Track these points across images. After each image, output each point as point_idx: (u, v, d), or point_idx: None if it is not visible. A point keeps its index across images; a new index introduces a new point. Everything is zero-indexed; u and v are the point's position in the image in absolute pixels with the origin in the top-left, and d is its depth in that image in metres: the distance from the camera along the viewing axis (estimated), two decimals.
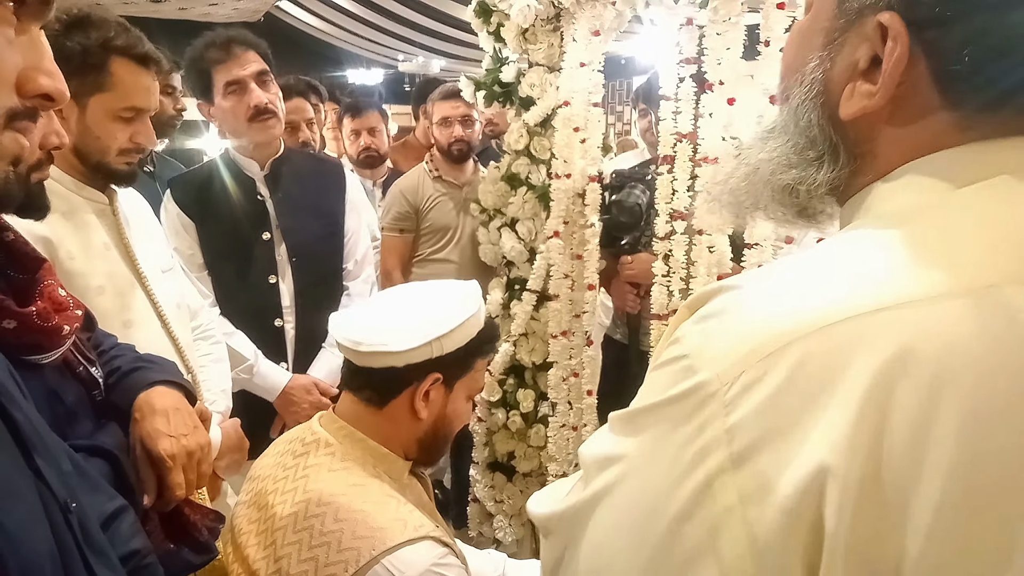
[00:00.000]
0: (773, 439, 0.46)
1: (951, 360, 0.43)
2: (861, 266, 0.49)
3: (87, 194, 1.40)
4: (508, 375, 2.30)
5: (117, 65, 1.32)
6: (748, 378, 0.47)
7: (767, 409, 0.46)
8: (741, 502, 0.46)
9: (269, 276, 1.97)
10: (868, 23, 0.53)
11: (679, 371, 0.50)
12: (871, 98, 0.54)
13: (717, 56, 1.59)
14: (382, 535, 1.01)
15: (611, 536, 0.54)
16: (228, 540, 1.17)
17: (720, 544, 0.47)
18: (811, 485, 0.44)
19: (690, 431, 0.49)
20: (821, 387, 0.45)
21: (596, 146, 2.03)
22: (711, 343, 0.50)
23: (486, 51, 2.29)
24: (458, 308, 1.17)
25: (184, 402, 1.05)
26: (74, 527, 0.56)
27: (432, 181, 2.67)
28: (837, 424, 0.44)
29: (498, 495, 2.38)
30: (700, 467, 0.48)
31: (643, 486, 0.52)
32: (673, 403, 0.50)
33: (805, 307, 0.48)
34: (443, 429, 1.23)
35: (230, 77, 1.86)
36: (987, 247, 0.47)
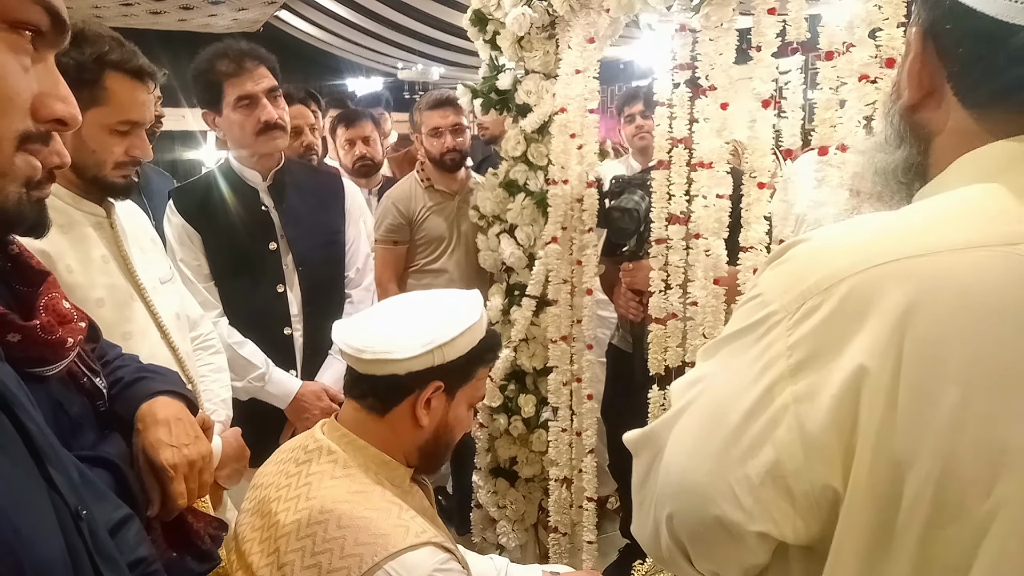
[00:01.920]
0: (824, 353, 0.58)
1: (965, 296, 0.55)
2: (906, 223, 0.62)
3: (85, 207, 1.41)
4: (509, 380, 2.31)
5: (112, 80, 1.33)
6: (808, 307, 0.59)
7: (821, 330, 0.58)
8: (796, 402, 0.59)
9: (277, 285, 1.99)
10: (912, 34, 0.68)
11: (755, 306, 0.64)
12: (906, 94, 0.68)
13: (710, 61, 1.61)
14: (384, 541, 1.02)
15: (689, 435, 0.66)
16: (232, 548, 1.18)
17: (777, 434, 0.59)
18: (852, 383, 0.56)
19: (759, 349, 0.62)
20: (863, 312, 0.57)
21: (593, 152, 2.04)
22: (780, 282, 0.62)
23: (482, 59, 2.31)
24: (460, 317, 1.18)
25: (186, 412, 1.06)
26: (85, 534, 0.58)
27: (424, 191, 2.66)
28: (874, 336, 0.56)
29: (501, 500, 2.38)
30: (765, 375, 0.60)
31: (719, 393, 0.65)
32: (748, 331, 0.63)
33: (855, 253, 0.60)
34: (444, 437, 1.24)
35: (243, 92, 1.87)
36: (1009, 216, 0.58)
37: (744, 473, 0.61)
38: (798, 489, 0.59)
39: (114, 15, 6.77)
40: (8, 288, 0.80)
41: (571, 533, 2.19)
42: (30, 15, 0.53)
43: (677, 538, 0.68)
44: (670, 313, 1.80)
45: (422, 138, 2.66)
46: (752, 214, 1.54)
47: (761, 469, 0.60)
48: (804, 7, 1.42)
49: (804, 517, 0.60)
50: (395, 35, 7.54)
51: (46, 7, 0.54)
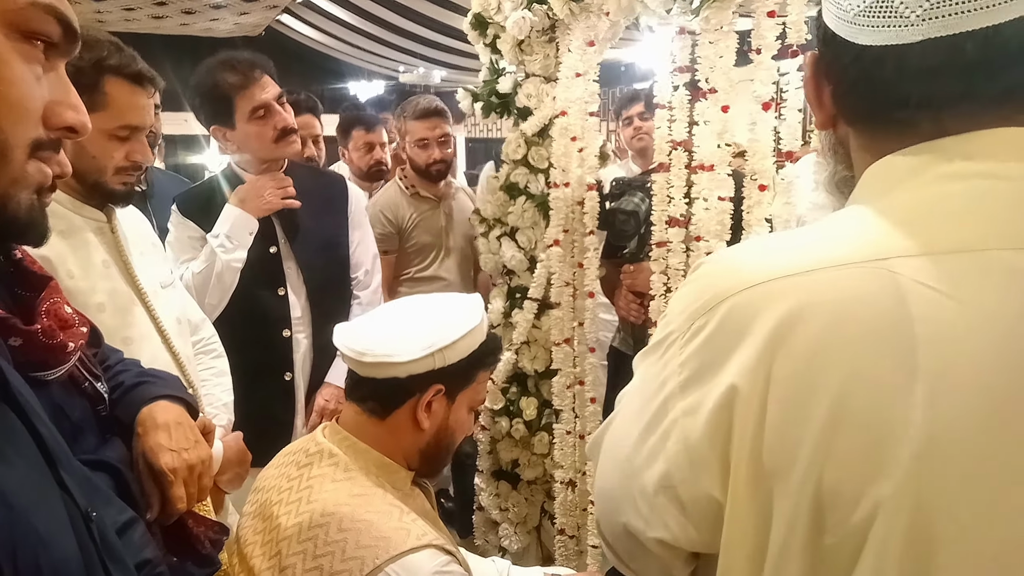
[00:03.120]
0: (706, 371, 0.62)
1: (836, 313, 0.56)
2: (793, 243, 0.65)
3: (86, 213, 1.41)
4: (511, 383, 2.31)
5: (111, 85, 1.33)
6: (696, 327, 0.63)
7: (704, 349, 0.62)
8: (683, 416, 0.63)
9: (278, 288, 2.00)
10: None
11: (663, 324, 0.68)
12: (815, 114, 0.71)
13: (710, 64, 1.61)
14: (386, 544, 1.03)
15: (610, 443, 0.73)
16: (234, 551, 1.18)
17: (667, 446, 0.64)
18: (725, 400, 0.59)
19: (660, 366, 0.66)
20: (739, 332, 0.60)
21: (593, 155, 2.04)
22: (680, 302, 0.66)
23: (483, 62, 2.32)
24: (461, 320, 1.18)
25: (186, 416, 1.06)
26: (95, 536, 0.59)
27: (410, 199, 2.64)
28: (746, 355, 0.59)
29: (503, 503, 2.38)
30: (662, 392, 0.65)
31: (630, 407, 0.70)
32: (656, 348, 0.68)
33: (739, 273, 0.62)
34: (445, 440, 1.24)
35: (256, 102, 1.87)
36: (879, 232, 0.59)
37: (642, 483, 0.66)
38: (687, 498, 0.63)
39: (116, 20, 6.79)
40: (10, 293, 0.80)
41: (577, 536, 2.19)
42: (43, 26, 0.54)
43: (607, 541, 0.74)
44: None
45: (406, 146, 2.64)
46: (754, 216, 1.54)
47: (655, 479, 0.64)
48: (804, 10, 1.42)
49: (696, 525, 0.64)
50: (396, 39, 7.55)
51: (58, 18, 0.55)
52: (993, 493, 0.52)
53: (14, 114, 0.52)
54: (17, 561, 0.48)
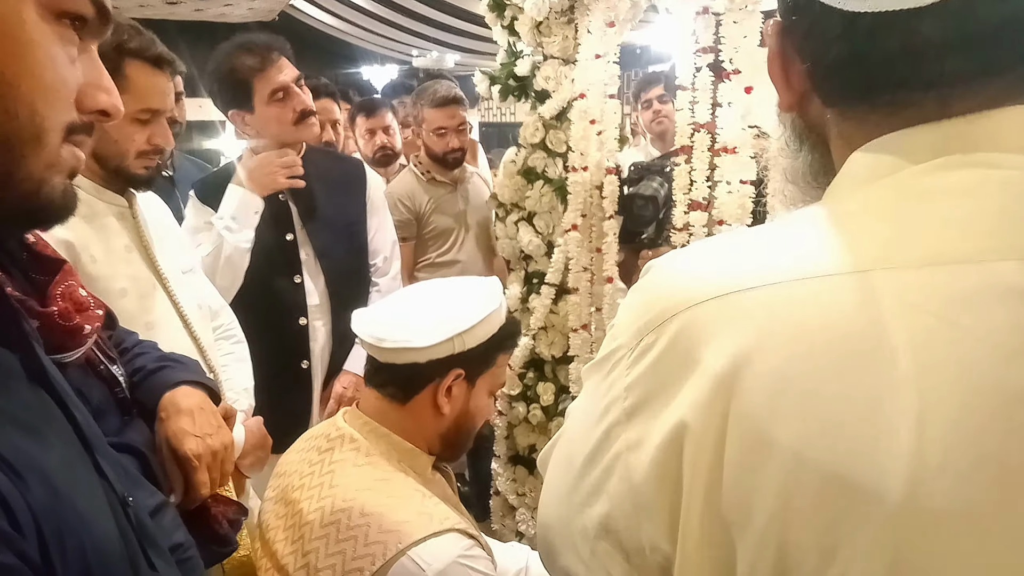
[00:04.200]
0: (652, 398, 0.52)
1: (803, 338, 0.47)
2: (748, 248, 0.55)
3: (107, 198, 1.41)
4: (528, 369, 2.30)
5: (131, 68, 1.32)
6: (643, 345, 0.53)
7: (651, 373, 0.53)
8: (628, 449, 0.54)
9: (295, 276, 1.99)
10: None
11: (609, 337, 0.58)
12: (782, 95, 0.60)
13: (734, 44, 1.58)
14: (408, 528, 1.02)
15: (552, 469, 0.64)
16: (256, 536, 1.18)
17: (610, 483, 0.55)
18: (673, 438, 0.50)
19: (606, 387, 0.56)
20: (690, 357, 0.50)
21: (613, 138, 2.02)
22: (627, 312, 0.57)
23: (500, 45, 2.29)
24: (480, 304, 1.17)
25: (208, 402, 1.06)
26: (132, 520, 0.59)
27: (426, 184, 2.63)
28: (699, 388, 0.49)
29: (520, 488, 2.38)
30: (606, 418, 0.56)
31: (573, 430, 0.61)
32: (603, 363, 0.58)
33: (689, 285, 0.53)
34: (466, 424, 1.24)
35: (275, 84, 1.86)
36: (861, 237, 0.50)
37: (583, 523, 0.57)
38: (630, 546, 0.54)
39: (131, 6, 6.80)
40: (25, 277, 0.80)
41: None
42: (77, 6, 0.53)
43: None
44: None
45: (422, 132, 2.62)
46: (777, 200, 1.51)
47: (596, 521, 0.56)
48: None
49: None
50: (410, 22, 7.53)
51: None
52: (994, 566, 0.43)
53: (50, 97, 0.51)
54: (64, 545, 0.48)
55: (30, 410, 0.53)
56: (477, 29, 6.78)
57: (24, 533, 0.45)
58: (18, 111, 0.49)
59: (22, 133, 0.49)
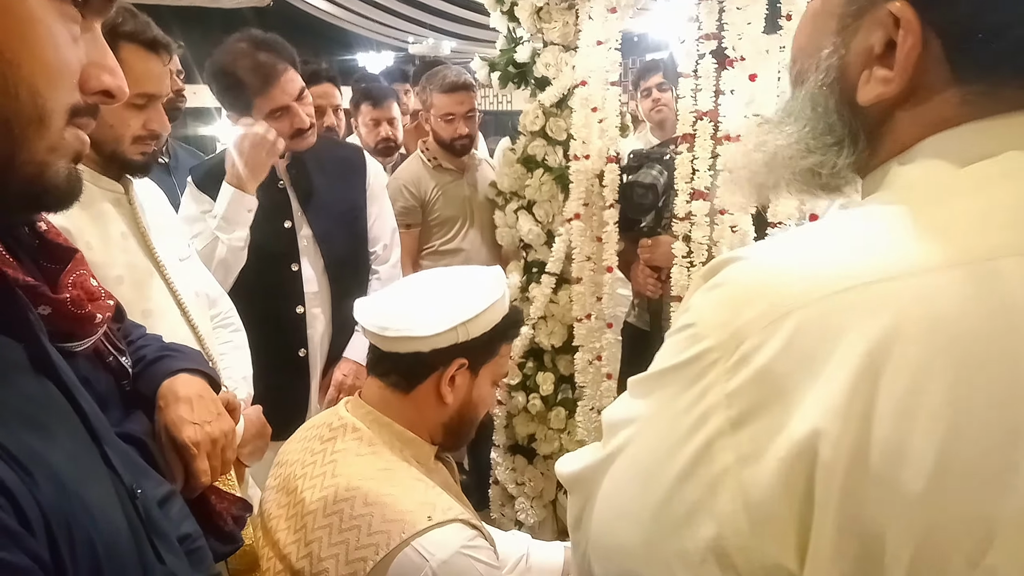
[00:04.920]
0: (770, 404, 0.48)
1: (942, 331, 0.45)
2: (862, 239, 0.51)
3: (103, 184, 1.39)
4: (528, 358, 2.30)
5: (126, 52, 1.30)
6: (748, 346, 0.49)
7: (765, 376, 0.49)
8: (737, 463, 0.49)
9: (291, 264, 1.97)
10: (880, 10, 0.54)
11: (687, 338, 0.53)
12: (888, 84, 0.55)
13: (738, 31, 1.57)
14: (412, 518, 1.02)
15: (620, 490, 0.58)
16: (258, 525, 1.18)
17: (717, 502, 0.50)
18: (804, 448, 0.46)
19: (694, 395, 0.52)
20: (816, 355, 0.47)
21: (614, 126, 2.01)
22: (716, 311, 0.52)
23: (500, 31, 2.27)
24: (483, 293, 1.17)
25: (208, 389, 1.05)
26: (140, 512, 0.59)
27: (432, 171, 2.61)
28: (831, 391, 0.46)
29: (519, 477, 2.39)
30: (701, 430, 0.51)
31: (650, 445, 0.55)
32: (680, 368, 0.53)
33: (805, 278, 0.50)
34: (469, 414, 1.23)
35: (276, 104, 1.83)
36: (985, 221, 0.48)
37: (682, 547, 0.52)
38: (746, 568, 0.50)
39: None
40: (36, 265, 0.79)
41: None
42: None
43: None
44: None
45: (430, 118, 2.60)
46: None
47: (701, 544, 0.51)
48: None
49: None
50: (406, 8, 7.47)
51: None
52: None
53: (52, 77, 0.49)
54: (73, 540, 0.47)
55: (36, 402, 0.52)
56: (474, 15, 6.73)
57: (33, 530, 0.44)
58: (19, 92, 0.47)
59: (24, 115, 0.48)
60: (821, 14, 0.59)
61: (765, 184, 0.66)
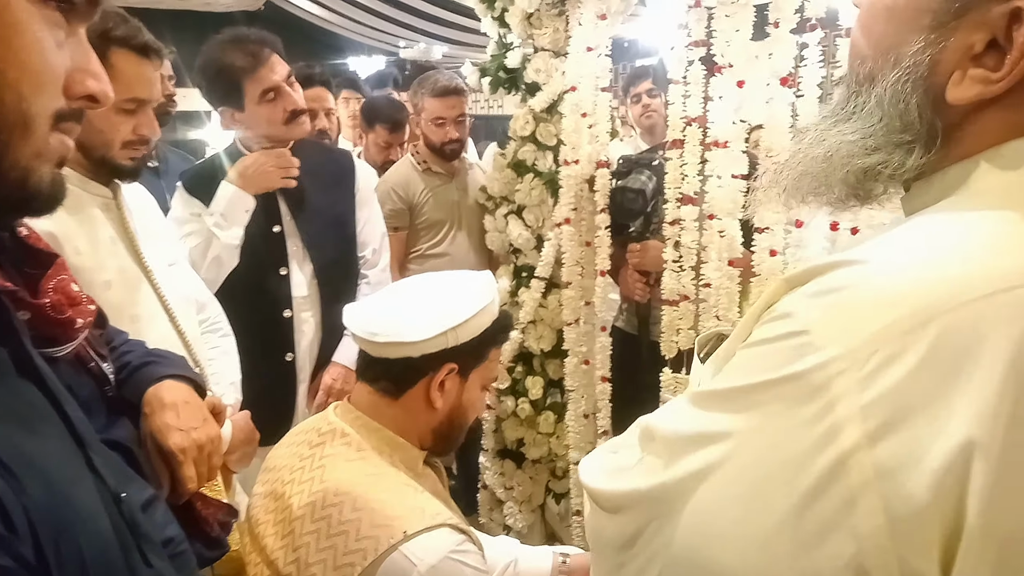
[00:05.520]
0: (914, 415, 0.46)
1: None
2: (990, 242, 0.50)
3: (92, 189, 1.39)
4: (517, 362, 2.30)
5: (117, 56, 1.30)
6: (884, 355, 0.47)
7: (907, 387, 0.46)
8: (878, 477, 0.47)
9: (280, 268, 1.97)
10: (993, 9, 0.53)
11: (796, 347, 0.50)
12: (989, 84, 0.54)
13: (726, 38, 1.58)
14: (400, 523, 1.02)
15: (721, 509, 0.53)
16: (245, 530, 1.17)
17: (855, 518, 0.47)
18: (957, 460, 0.45)
19: (817, 409, 0.49)
20: (962, 362, 0.46)
21: (604, 132, 2.01)
22: (836, 319, 0.50)
23: (490, 37, 2.28)
24: (473, 298, 1.17)
25: (194, 395, 1.05)
26: (126, 516, 0.58)
27: (422, 174, 2.61)
28: (981, 397, 0.45)
29: (508, 482, 2.39)
30: (832, 445, 0.48)
31: (760, 463, 0.52)
32: (791, 380, 0.50)
33: (941, 282, 0.48)
34: (458, 419, 1.23)
35: (266, 85, 1.84)
36: None
37: (812, 566, 0.49)
38: None
39: None
40: (17, 270, 0.78)
41: None
42: None
43: None
44: (682, 295, 1.78)
45: (421, 122, 2.61)
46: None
47: (838, 562, 0.48)
48: None
49: None
50: (397, 13, 7.46)
51: None
52: None
53: (36, 82, 0.49)
54: (60, 544, 0.47)
55: (22, 405, 0.52)
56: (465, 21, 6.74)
57: (19, 534, 0.44)
58: (3, 97, 0.47)
59: (8, 120, 0.48)
60: (906, 10, 0.57)
61: (806, 188, 0.63)
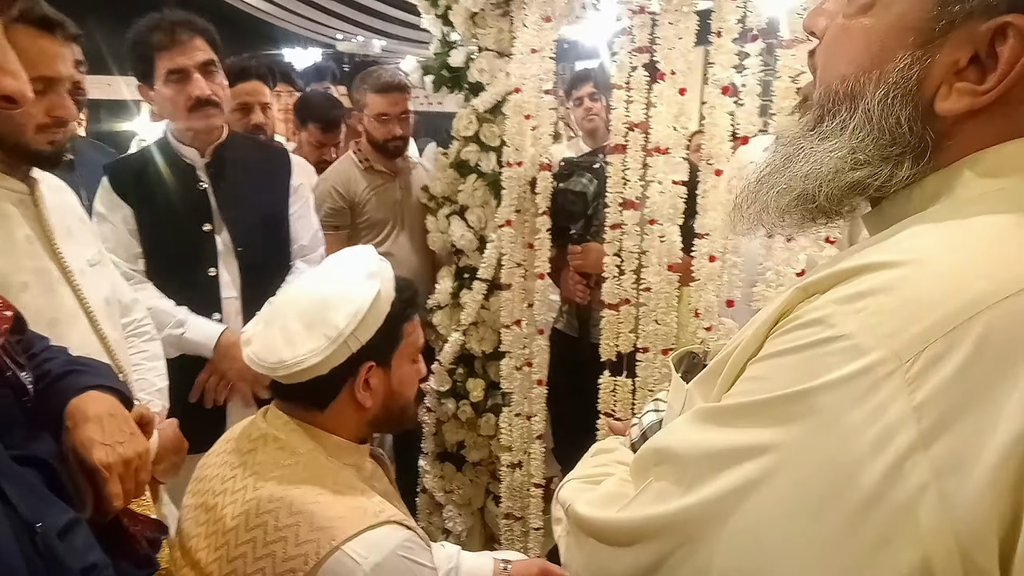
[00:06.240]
0: (966, 412, 0.46)
1: None
2: (1011, 243, 0.51)
3: (7, 184, 1.30)
4: (458, 364, 2.28)
5: (15, 33, 1.21)
6: (932, 353, 0.47)
7: (957, 383, 0.47)
8: (936, 477, 0.46)
9: (208, 268, 1.89)
10: (979, 24, 0.54)
11: (838, 352, 0.50)
12: (977, 96, 0.55)
13: (669, 45, 1.60)
14: (342, 524, 0.99)
15: (771, 526, 0.52)
16: (175, 545, 1.12)
17: (918, 521, 0.47)
18: (1012, 452, 0.45)
19: (867, 413, 0.48)
20: (1011, 357, 0.46)
21: (547, 134, 2.01)
22: (880, 322, 0.49)
23: (433, 34, 2.25)
24: (358, 296, 1.10)
25: (119, 407, 0.99)
26: (41, 549, 0.55)
27: (364, 173, 2.56)
28: None
29: (447, 485, 2.36)
30: (887, 448, 0.47)
31: (811, 475, 0.50)
32: (838, 386, 0.49)
33: (981, 277, 0.49)
34: (395, 402, 1.19)
35: (173, 65, 1.78)
36: None
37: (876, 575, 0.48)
38: None
39: None
40: None
41: (523, 517, 2.19)
42: None
43: None
44: (623, 299, 1.80)
45: (363, 118, 2.56)
46: (709, 200, 1.54)
47: (903, 569, 0.47)
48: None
49: None
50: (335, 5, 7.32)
51: None
52: None
53: None
54: None
55: None
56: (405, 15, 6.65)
57: None
58: None
59: None
60: (888, 30, 0.58)
61: (798, 200, 0.63)
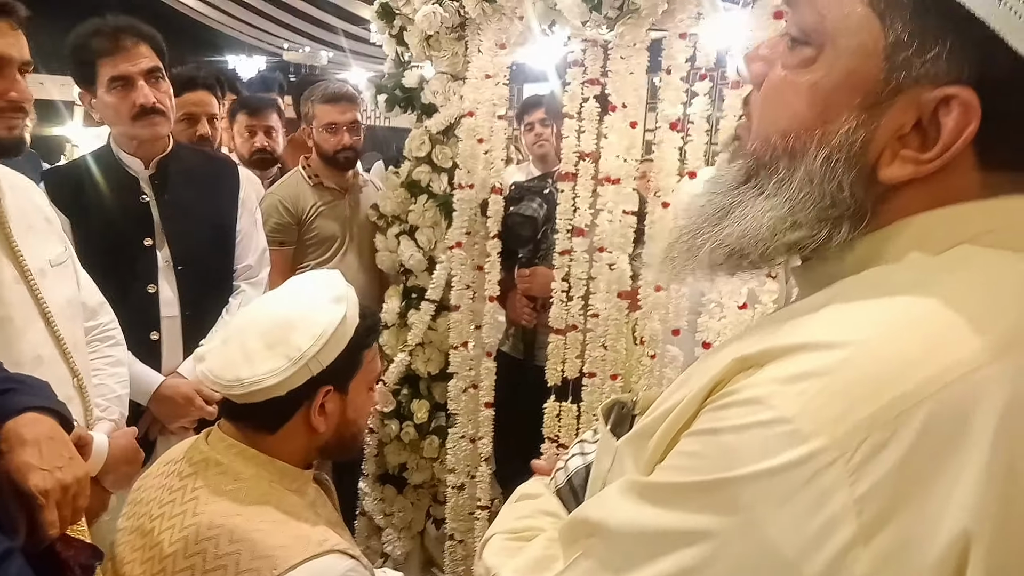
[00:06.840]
0: (907, 505, 0.45)
1: None
2: (953, 317, 0.49)
3: None
4: (403, 385, 2.26)
5: None
6: (872, 443, 0.45)
7: (897, 475, 0.45)
8: (875, 572, 0.45)
9: (148, 285, 1.82)
10: (926, 92, 0.53)
11: (778, 437, 0.48)
12: (920, 164, 0.54)
13: (621, 78, 1.64)
14: (284, 553, 0.97)
15: None
16: (109, 570, 1.08)
17: None
18: (953, 549, 0.44)
19: (808, 503, 0.46)
20: (950, 446, 0.45)
21: (499, 158, 2.04)
22: (821, 406, 0.47)
23: (388, 54, 2.25)
24: (323, 318, 1.09)
25: (58, 430, 0.95)
26: None
27: (312, 188, 2.52)
28: (971, 482, 0.44)
29: (387, 508, 2.33)
30: (828, 542, 0.46)
31: (748, 565, 0.48)
32: (779, 473, 0.47)
33: (922, 360, 0.47)
34: (348, 430, 1.18)
35: (116, 72, 1.72)
36: None
37: None
38: None
39: None
40: None
41: (465, 541, 2.18)
42: None
43: None
44: (570, 324, 1.82)
45: (312, 131, 2.53)
46: (656, 231, 1.59)
47: None
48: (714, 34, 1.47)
49: None
50: (281, 14, 7.23)
51: None
52: None
53: None
54: None
55: None
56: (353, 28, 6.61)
57: None
58: None
59: None
60: (835, 89, 0.56)
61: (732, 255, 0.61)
